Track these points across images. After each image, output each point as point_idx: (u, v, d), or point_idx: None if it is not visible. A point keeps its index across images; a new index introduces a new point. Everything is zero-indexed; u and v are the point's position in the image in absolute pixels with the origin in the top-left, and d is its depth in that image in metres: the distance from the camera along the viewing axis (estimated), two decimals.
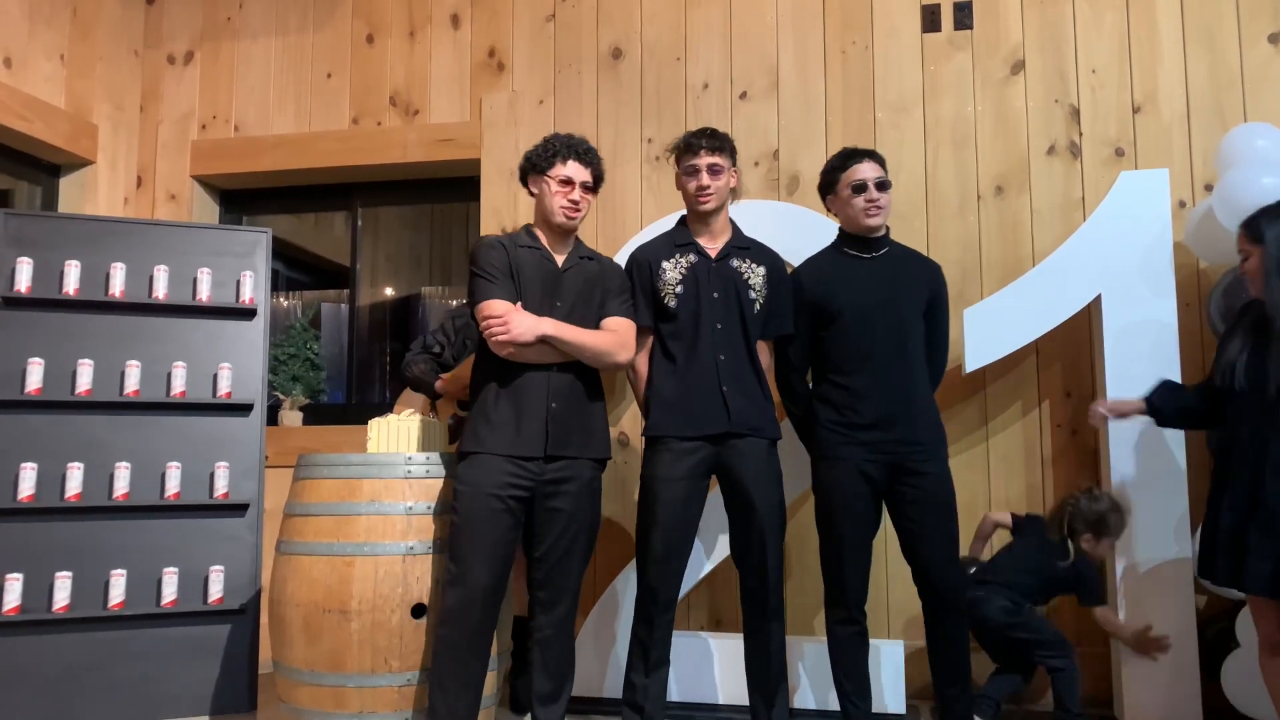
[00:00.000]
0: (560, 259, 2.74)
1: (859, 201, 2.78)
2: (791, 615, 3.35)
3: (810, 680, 3.18)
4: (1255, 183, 2.88)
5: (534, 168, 2.74)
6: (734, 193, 2.95)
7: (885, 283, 2.79)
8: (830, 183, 2.86)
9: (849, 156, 2.82)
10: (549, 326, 2.58)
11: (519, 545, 2.67)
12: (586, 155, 2.73)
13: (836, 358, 2.78)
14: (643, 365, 2.86)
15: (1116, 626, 3.03)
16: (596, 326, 2.70)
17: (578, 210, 2.70)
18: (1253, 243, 2.49)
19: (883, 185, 2.78)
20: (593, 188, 2.75)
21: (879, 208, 2.77)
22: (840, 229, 2.91)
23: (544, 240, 2.74)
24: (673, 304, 2.77)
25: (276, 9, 4.46)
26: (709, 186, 2.78)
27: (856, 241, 2.85)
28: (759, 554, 2.69)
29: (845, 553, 2.72)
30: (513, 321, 2.54)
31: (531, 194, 2.77)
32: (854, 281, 2.79)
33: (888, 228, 2.89)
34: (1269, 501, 2.30)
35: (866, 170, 2.78)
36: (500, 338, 2.54)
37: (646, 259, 2.84)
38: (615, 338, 2.69)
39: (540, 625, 2.67)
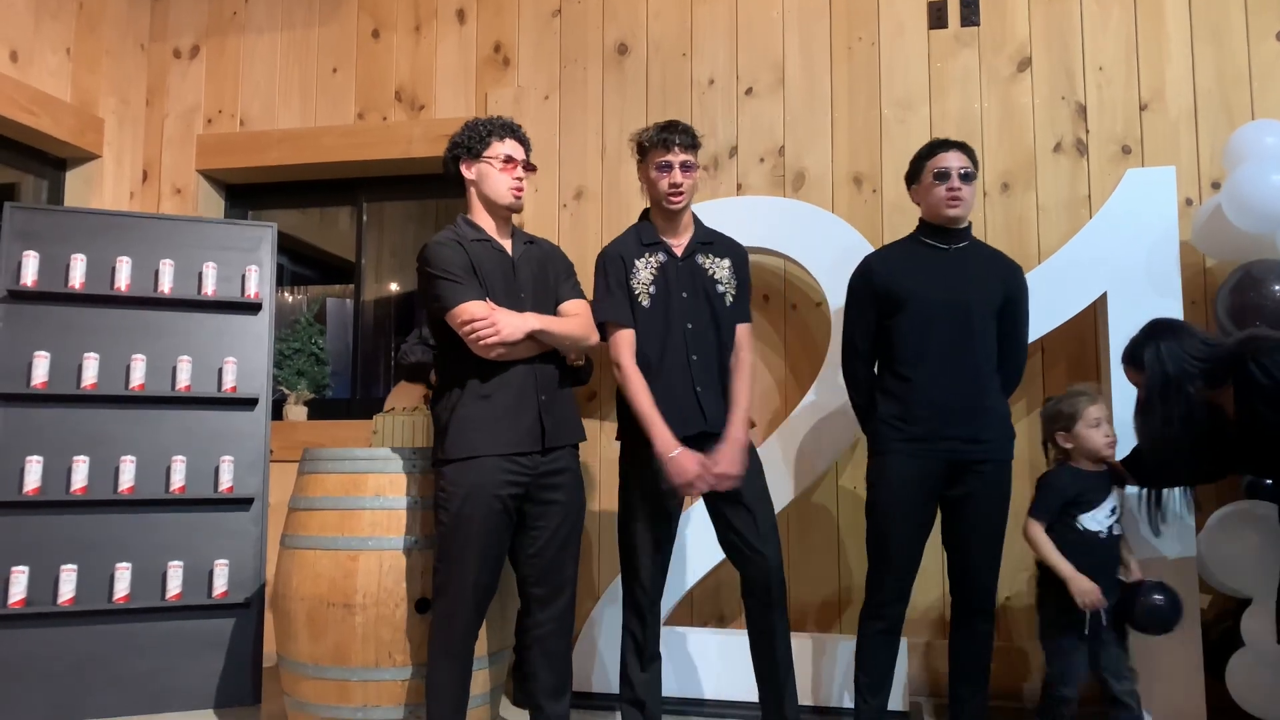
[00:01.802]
0: (509, 247, 2.66)
1: (940, 190, 2.70)
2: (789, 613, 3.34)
3: (809, 678, 3.18)
4: (1263, 180, 2.87)
5: (468, 151, 2.61)
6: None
7: (958, 277, 2.70)
8: (916, 170, 2.80)
9: (938, 145, 2.75)
10: (536, 321, 2.53)
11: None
12: (519, 132, 2.66)
13: (900, 348, 2.69)
14: (631, 366, 2.65)
15: (1044, 550, 2.66)
16: (553, 312, 2.66)
17: (522, 190, 2.64)
18: (1137, 371, 2.50)
19: (967, 176, 2.70)
20: (530, 168, 2.67)
21: (959, 199, 2.69)
22: (920, 218, 2.83)
23: (490, 230, 2.64)
24: (646, 304, 2.68)
25: (282, 4, 4.46)
26: (681, 185, 2.67)
27: (935, 232, 2.76)
28: (755, 545, 2.61)
29: (890, 549, 2.65)
30: (501, 322, 2.46)
31: (466, 181, 2.65)
32: (925, 272, 2.71)
33: (970, 223, 2.81)
34: None
35: (952, 159, 2.71)
36: (490, 339, 2.45)
37: (620, 254, 2.72)
38: (584, 321, 2.65)
39: (540, 621, 2.60)
